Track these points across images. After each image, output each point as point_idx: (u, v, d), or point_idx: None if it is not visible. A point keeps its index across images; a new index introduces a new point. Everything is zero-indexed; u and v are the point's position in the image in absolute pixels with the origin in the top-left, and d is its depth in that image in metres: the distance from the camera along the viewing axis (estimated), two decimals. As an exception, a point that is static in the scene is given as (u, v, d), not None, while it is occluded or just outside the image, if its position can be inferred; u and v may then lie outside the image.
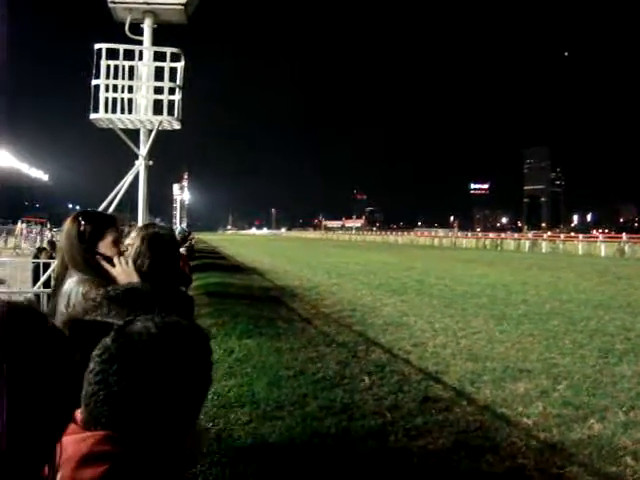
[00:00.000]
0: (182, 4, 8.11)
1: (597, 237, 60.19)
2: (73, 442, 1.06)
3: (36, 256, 10.68)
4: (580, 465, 4.71)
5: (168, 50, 7.84)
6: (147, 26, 8.12)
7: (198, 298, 13.66)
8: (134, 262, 2.55)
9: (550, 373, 7.58)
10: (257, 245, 69.62)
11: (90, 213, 2.83)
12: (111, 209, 7.95)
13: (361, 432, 5.30)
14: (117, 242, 2.70)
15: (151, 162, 8.11)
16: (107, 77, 7.59)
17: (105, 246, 2.64)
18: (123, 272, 2.47)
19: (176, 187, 75.00)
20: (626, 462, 4.80)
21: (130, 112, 7.70)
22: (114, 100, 7.64)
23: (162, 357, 1.12)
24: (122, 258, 2.54)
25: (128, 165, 8.05)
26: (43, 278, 8.34)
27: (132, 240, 2.74)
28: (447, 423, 5.59)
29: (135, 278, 2.43)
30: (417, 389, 6.71)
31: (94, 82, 7.59)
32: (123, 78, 7.65)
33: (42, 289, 8.07)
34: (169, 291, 2.32)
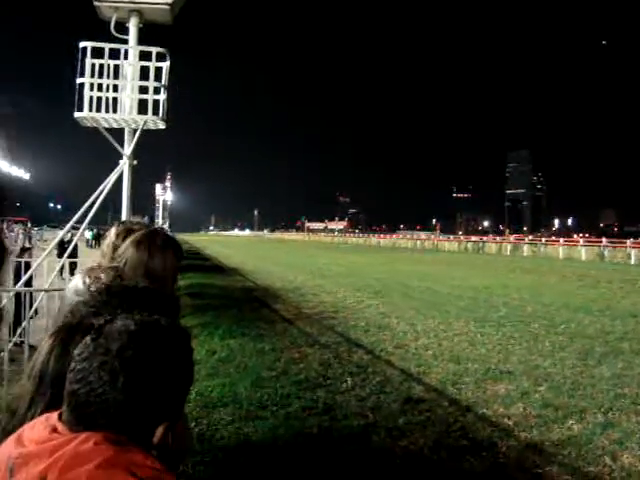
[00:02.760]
0: (168, 4, 8.11)
1: (578, 241, 60.73)
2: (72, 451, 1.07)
3: (19, 255, 10.58)
4: (560, 465, 4.77)
5: (154, 50, 7.83)
6: (133, 25, 8.11)
7: (181, 298, 13.62)
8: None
9: (531, 375, 7.65)
10: (240, 246, 69.48)
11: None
12: (94, 209, 7.93)
13: (344, 432, 5.32)
14: None
15: (135, 162, 8.10)
16: (92, 76, 7.57)
17: None
18: None
19: (159, 187, 74.56)
20: (604, 462, 4.86)
21: (115, 111, 7.69)
22: (99, 99, 7.62)
23: (142, 355, 1.12)
24: None
25: (112, 165, 8.03)
26: (25, 277, 8.30)
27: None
28: (429, 424, 5.63)
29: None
30: (399, 390, 6.75)
31: (79, 80, 7.56)
32: (108, 77, 7.63)
33: (24, 288, 8.03)
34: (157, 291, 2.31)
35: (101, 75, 7.60)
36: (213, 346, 8.58)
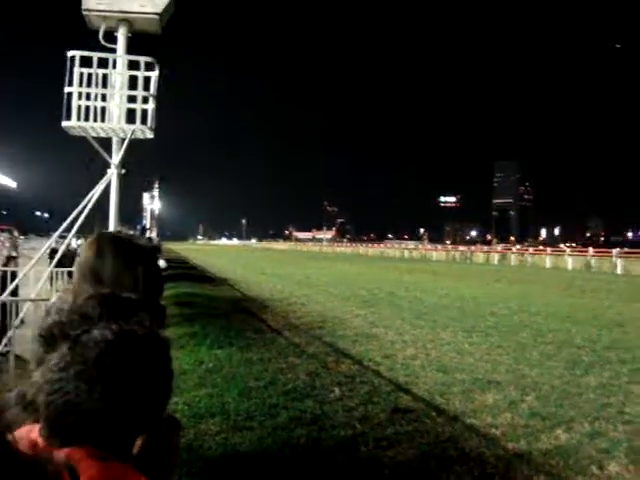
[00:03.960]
0: (157, 13, 8.12)
1: (564, 251, 61.13)
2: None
3: (5, 264, 10.51)
4: (547, 475, 4.78)
5: (142, 59, 7.84)
6: (121, 34, 8.12)
7: (168, 308, 13.56)
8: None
9: (518, 384, 7.67)
10: (228, 255, 69.37)
11: None
12: (81, 218, 7.90)
13: (331, 443, 5.31)
14: None
15: (124, 171, 8.09)
16: (80, 85, 7.56)
17: None
18: None
19: (146, 196, 74.39)
20: (592, 471, 4.88)
21: (103, 120, 7.68)
22: (87, 108, 7.61)
23: (119, 363, 1.12)
24: None
25: (100, 173, 8.01)
26: (11, 287, 8.25)
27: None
28: (417, 434, 5.62)
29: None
30: (387, 400, 6.74)
31: (67, 89, 7.55)
32: (96, 86, 7.62)
33: (10, 298, 7.98)
34: (145, 300, 2.29)
35: (89, 84, 7.60)
36: (201, 356, 8.54)
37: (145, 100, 7.81)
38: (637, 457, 5.22)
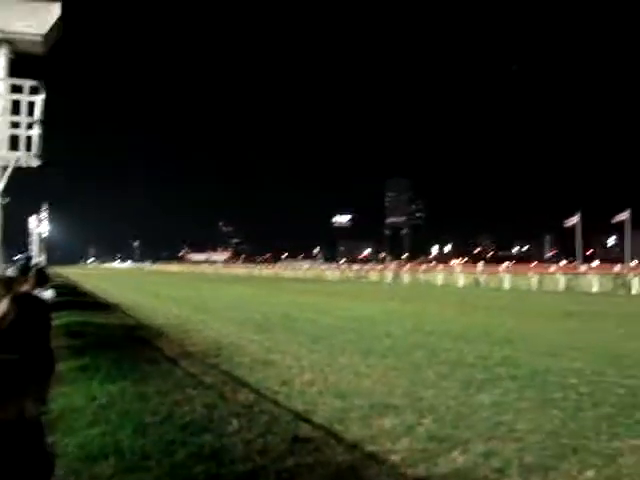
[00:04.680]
0: (41, 35, 7.84)
1: (454, 268, 63.43)
2: None
3: None
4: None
5: (27, 83, 7.54)
6: (2, 55, 7.78)
7: (57, 340, 12.99)
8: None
9: (415, 407, 7.83)
10: (120, 279, 67.53)
11: None
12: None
13: (231, 478, 5.21)
14: None
15: (7, 199, 7.72)
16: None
17: None
18: None
19: (33, 220, 71.22)
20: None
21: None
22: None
23: None
24: None
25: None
26: None
27: None
28: (317, 464, 5.60)
29: None
30: (286, 430, 6.70)
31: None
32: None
33: None
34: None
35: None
36: (93, 391, 8.18)
37: (30, 126, 7.50)
38: (529, 475, 5.43)
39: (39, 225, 71.79)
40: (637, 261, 67.33)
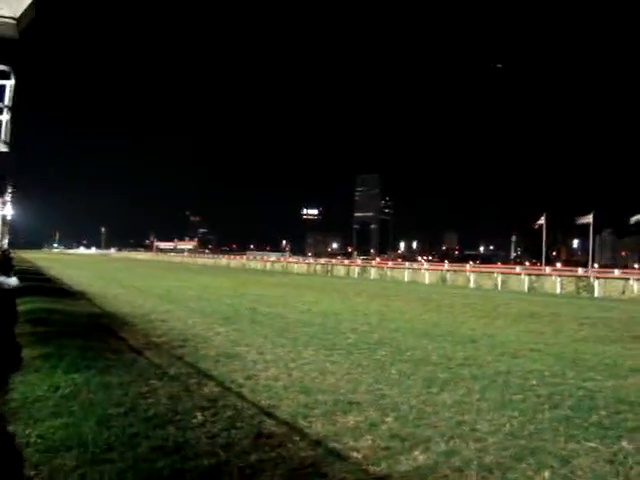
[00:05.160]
0: (14, 18, 7.72)
1: (422, 265, 63.97)
2: None
3: None
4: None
5: (-5, 67, 7.43)
6: (-28, 39, 7.65)
7: (21, 326, 12.86)
8: None
9: (379, 405, 7.92)
10: (85, 266, 66.62)
11: None
12: None
13: (195, 473, 5.24)
14: None
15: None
16: None
17: None
18: None
19: (-4, 201, 69.96)
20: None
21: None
22: None
23: None
24: None
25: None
26: None
27: None
28: (280, 460, 5.66)
29: None
30: (250, 424, 6.74)
31: None
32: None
33: None
34: None
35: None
36: (56, 381, 8.11)
37: None
38: (486, 474, 5.57)
39: (3, 208, 70.62)
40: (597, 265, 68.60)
